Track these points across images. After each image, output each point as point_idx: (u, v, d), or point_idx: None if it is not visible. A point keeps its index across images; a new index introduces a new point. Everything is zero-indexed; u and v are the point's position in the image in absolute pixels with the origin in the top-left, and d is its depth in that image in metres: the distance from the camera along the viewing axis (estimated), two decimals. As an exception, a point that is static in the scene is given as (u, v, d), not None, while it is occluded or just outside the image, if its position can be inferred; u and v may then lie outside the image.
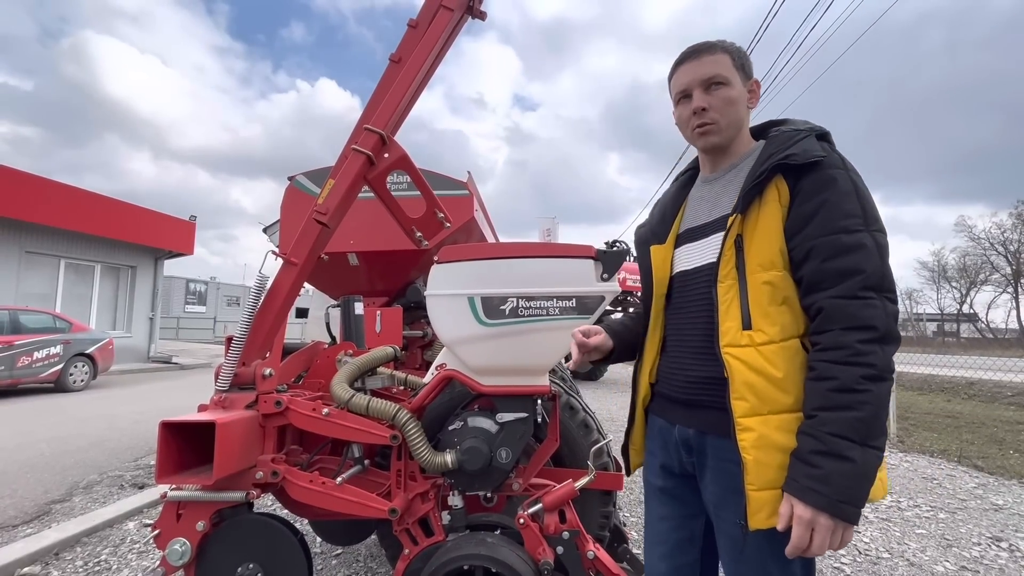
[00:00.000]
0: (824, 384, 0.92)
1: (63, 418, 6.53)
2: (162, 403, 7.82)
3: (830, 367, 0.92)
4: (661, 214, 1.32)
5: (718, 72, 1.11)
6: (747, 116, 1.17)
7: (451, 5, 1.94)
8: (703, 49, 1.13)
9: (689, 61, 1.14)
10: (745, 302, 1.02)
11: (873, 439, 0.89)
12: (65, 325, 9.35)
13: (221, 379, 1.74)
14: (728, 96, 1.11)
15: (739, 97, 1.13)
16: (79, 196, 12.34)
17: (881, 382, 0.90)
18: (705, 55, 1.13)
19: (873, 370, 0.89)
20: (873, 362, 0.90)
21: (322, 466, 1.93)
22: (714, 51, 1.13)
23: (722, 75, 1.11)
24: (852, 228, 0.95)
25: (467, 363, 1.74)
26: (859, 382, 0.89)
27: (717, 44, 1.14)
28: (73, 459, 4.60)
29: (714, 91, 1.11)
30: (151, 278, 14.76)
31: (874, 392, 0.89)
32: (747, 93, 1.15)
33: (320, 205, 1.76)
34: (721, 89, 1.11)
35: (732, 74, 1.12)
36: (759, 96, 1.18)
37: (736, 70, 1.12)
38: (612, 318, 1.47)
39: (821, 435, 0.90)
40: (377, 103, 1.90)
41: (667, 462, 1.21)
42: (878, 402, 0.89)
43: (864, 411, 0.89)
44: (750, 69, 1.15)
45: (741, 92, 1.13)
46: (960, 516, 3.53)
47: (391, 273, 3.23)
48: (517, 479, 1.87)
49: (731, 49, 1.14)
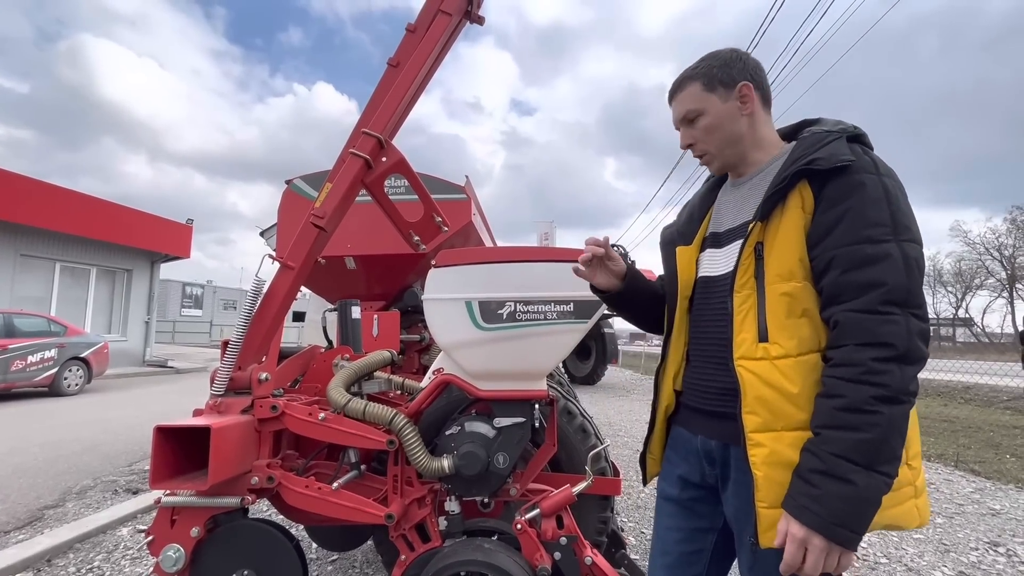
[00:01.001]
0: (832, 402, 0.88)
1: (57, 422, 6.47)
2: (157, 407, 7.77)
3: (839, 384, 0.87)
4: (689, 215, 1.28)
5: (689, 108, 1.12)
6: (750, 123, 1.11)
7: (449, 10, 1.94)
8: (676, 87, 1.15)
9: (672, 100, 1.17)
10: (762, 313, 0.98)
11: (881, 464, 0.84)
12: (60, 329, 9.29)
13: (217, 383, 1.73)
14: (707, 125, 1.11)
15: (720, 120, 1.10)
16: (75, 199, 12.29)
17: (895, 404, 0.84)
18: (679, 93, 1.14)
19: (886, 391, 0.84)
20: (887, 382, 0.84)
21: (318, 471, 1.92)
22: (684, 86, 1.13)
23: (693, 109, 1.12)
24: (877, 238, 0.89)
25: (464, 367, 1.74)
26: (869, 402, 0.84)
27: (686, 76, 1.13)
28: (67, 464, 4.56)
29: (695, 124, 1.13)
30: (147, 281, 14.69)
31: (885, 414, 0.84)
32: (737, 103, 1.09)
33: (317, 209, 1.76)
34: (699, 120, 1.12)
35: (705, 101, 1.10)
36: (752, 97, 1.09)
37: (709, 93, 1.10)
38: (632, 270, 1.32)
39: (823, 454, 0.86)
40: (375, 107, 1.90)
41: (687, 473, 1.18)
42: (889, 425, 0.84)
43: (872, 433, 0.83)
44: (732, 76, 1.09)
45: (721, 111, 1.10)
46: (957, 521, 3.53)
47: (388, 277, 3.22)
48: (514, 484, 1.86)
49: (699, 73, 1.11)
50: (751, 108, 1.10)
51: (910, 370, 0.85)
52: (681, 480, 1.19)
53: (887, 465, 0.84)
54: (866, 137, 1.04)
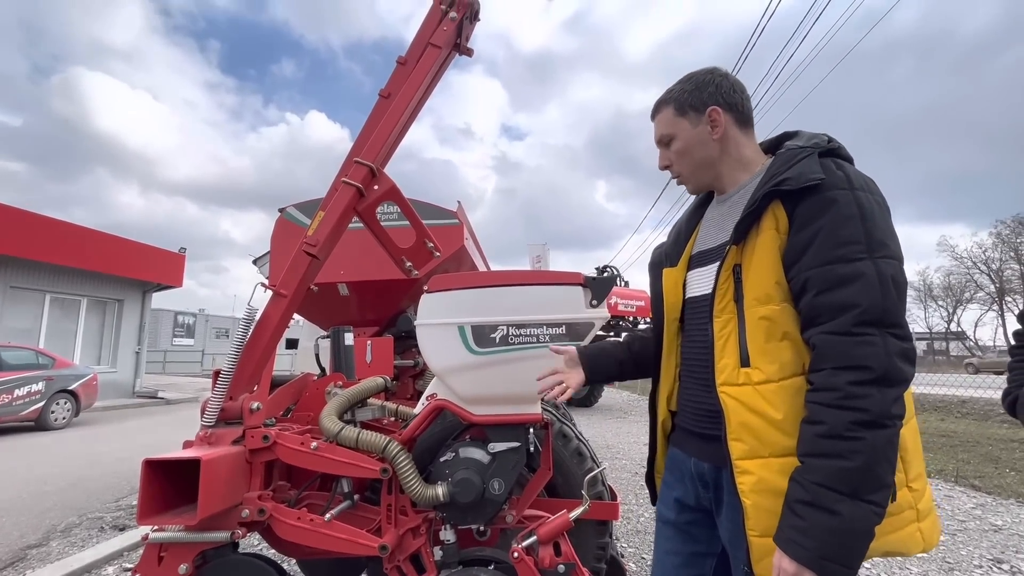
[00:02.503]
0: (813, 428, 0.86)
1: (42, 458, 6.31)
2: (146, 440, 7.61)
3: (819, 409, 0.85)
4: (675, 235, 1.29)
5: (662, 132, 1.16)
6: (721, 146, 1.11)
7: (439, 43, 2.00)
8: (654, 110, 1.19)
9: (652, 120, 1.21)
10: (743, 337, 0.96)
11: (867, 492, 0.81)
12: (48, 361, 9.14)
13: (207, 414, 1.71)
14: (678, 149, 1.14)
15: (690, 144, 1.12)
16: (65, 230, 12.25)
17: (877, 429, 0.81)
18: (655, 117, 1.18)
19: (865, 415, 0.81)
20: (866, 406, 0.81)
21: (310, 502, 1.88)
22: (659, 109, 1.17)
23: (666, 133, 1.15)
24: (849, 257, 0.87)
25: (458, 392, 1.73)
26: (849, 428, 0.81)
27: (661, 100, 1.17)
28: (52, 501, 4.44)
29: (670, 147, 1.16)
30: (138, 311, 14.55)
31: (867, 440, 0.81)
32: (707, 128, 1.10)
33: (310, 237, 1.77)
34: (672, 144, 1.15)
35: (676, 125, 1.13)
36: (722, 122, 1.09)
37: (680, 117, 1.12)
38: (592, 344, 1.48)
39: (807, 483, 0.84)
40: (367, 137, 1.94)
41: (683, 495, 1.16)
42: (872, 451, 0.81)
43: (854, 460, 0.81)
44: (703, 100, 1.10)
45: (692, 135, 1.12)
46: (960, 538, 3.49)
47: (382, 302, 3.22)
48: (510, 511, 1.83)
49: (671, 97, 1.14)
50: (720, 132, 1.10)
51: (891, 392, 0.82)
52: (678, 503, 1.18)
53: (875, 494, 0.81)
54: (841, 150, 1.02)
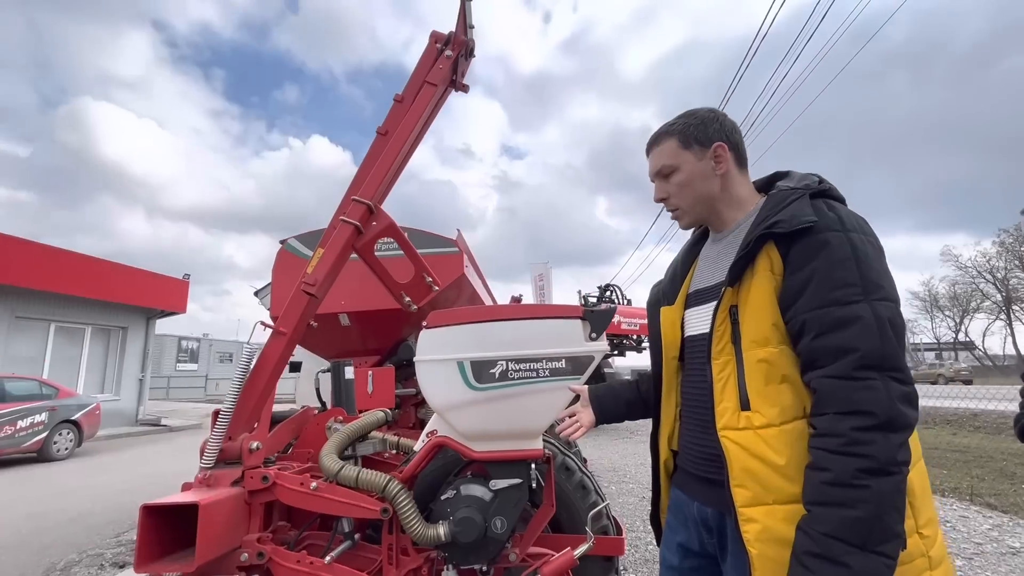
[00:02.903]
0: (819, 475, 0.84)
1: (44, 491, 6.26)
2: (148, 470, 7.55)
3: (825, 456, 0.84)
4: (672, 273, 1.29)
5: (664, 163, 1.13)
6: (722, 182, 1.11)
7: (435, 80, 2.04)
8: (652, 142, 1.17)
9: (649, 153, 1.19)
10: (742, 380, 0.95)
11: (876, 544, 0.78)
12: (51, 391, 9.13)
13: (206, 456, 1.70)
14: (679, 181, 1.12)
15: (693, 177, 1.11)
16: (70, 259, 12.36)
17: (884, 476, 0.79)
18: (655, 148, 1.16)
19: (871, 462, 0.80)
20: (871, 453, 0.80)
21: (311, 543, 1.86)
22: (660, 141, 1.15)
23: (668, 164, 1.13)
24: (845, 299, 0.86)
25: (458, 429, 1.72)
26: (856, 476, 0.80)
27: (663, 132, 1.15)
28: (52, 536, 4.38)
29: (669, 179, 1.14)
30: (142, 338, 14.58)
31: (873, 488, 0.79)
32: (712, 163, 1.10)
33: (309, 276, 1.78)
34: (673, 176, 1.13)
35: (680, 157, 1.11)
36: (726, 158, 1.10)
37: (685, 150, 1.11)
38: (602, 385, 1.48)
39: (814, 534, 0.82)
40: (365, 173, 1.96)
41: (686, 540, 1.13)
42: (879, 500, 0.79)
43: (862, 510, 0.79)
44: (708, 135, 1.10)
45: (695, 169, 1.10)
46: (977, 562, 3.40)
47: (383, 332, 3.22)
48: (514, 549, 1.80)
49: (678, 129, 1.12)
50: (724, 168, 1.11)
51: (895, 438, 0.81)
52: (682, 548, 1.15)
53: (885, 544, 0.79)
54: (833, 190, 1.03)
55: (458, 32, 2.15)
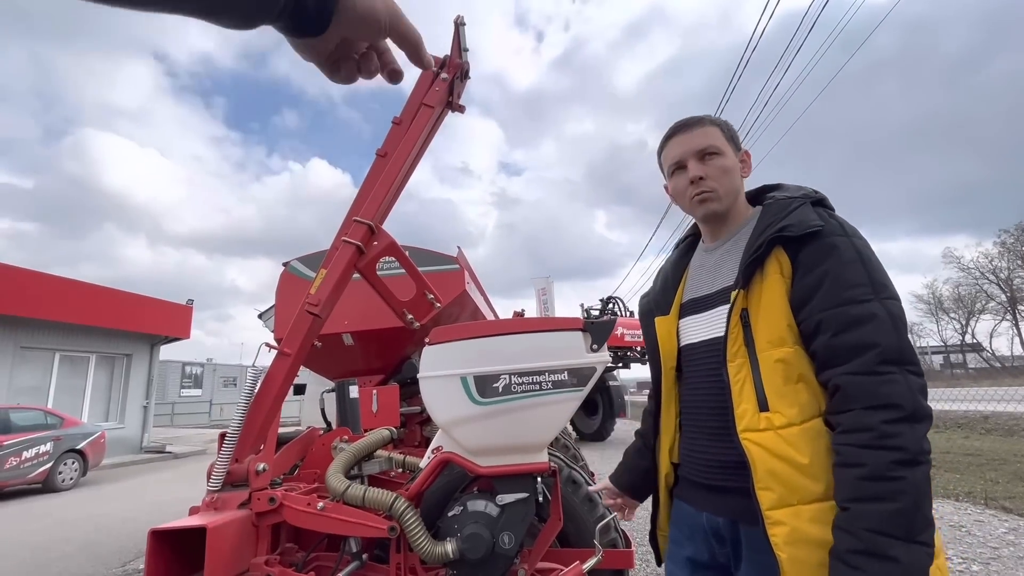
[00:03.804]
0: (853, 471, 0.84)
1: (49, 522, 6.21)
2: (153, 498, 7.50)
3: (856, 452, 0.84)
4: (663, 283, 1.30)
5: (711, 143, 1.13)
6: (742, 185, 1.17)
7: (432, 103, 2.10)
8: (693, 123, 1.16)
9: (681, 134, 1.17)
10: (759, 382, 0.96)
11: (918, 534, 0.79)
12: (56, 421, 9.11)
13: (213, 478, 1.70)
14: (723, 165, 1.12)
15: (733, 167, 1.13)
16: (74, 288, 12.44)
17: (916, 466, 0.81)
18: (696, 128, 1.15)
19: (905, 454, 0.81)
20: (903, 444, 0.81)
21: (319, 564, 1.85)
22: (704, 124, 1.15)
23: (715, 145, 1.13)
24: (859, 298, 0.89)
25: (463, 444, 1.72)
26: (891, 468, 0.81)
27: (706, 118, 1.17)
28: (57, 568, 4.34)
29: (709, 161, 1.12)
30: (146, 365, 14.59)
31: (909, 479, 0.80)
32: (739, 163, 1.15)
33: (312, 296, 1.81)
34: (716, 159, 1.12)
35: (724, 145, 1.13)
36: (751, 166, 1.18)
37: (727, 141, 1.14)
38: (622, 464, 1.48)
39: (858, 531, 0.81)
40: (366, 194, 2.00)
41: (694, 553, 1.12)
42: (916, 490, 0.80)
43: (902, 502, 0.80)
44: (738, 141, 1.18)
45: (734, 162, 1.14)
46: (994, 567, 3.34)
47: (386, 350, 3.24)
48: (522, 565, 1.79)
49: (720, 122, 1.17)
50: (747, 173, 1.17)
51: (920, 428, 0.83)
52: (690, 562, 1.13)
53: (924, 533, 0.80)
54: (827, 200, 1.08)
55: (453, 55, 2.21)
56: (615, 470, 1.45)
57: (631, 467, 1.40)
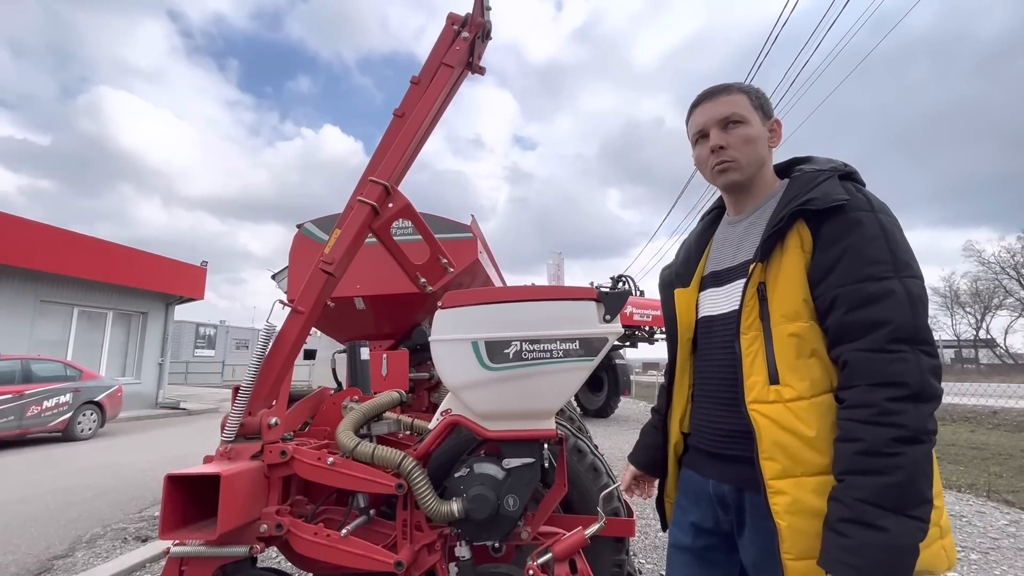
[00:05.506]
0: (851, 446, 0.85)
1: (69, 468, 6.47)
2: (168, 451, 7.75)
3: (856, 427, 0.85)
4: (685, 256, 1.28)
5: (734, 111, 1.09)
6: (770, 155, 1.14)
7: (451, 62, 2.04)
8: (720, 90, 1.13)
9: (706, 102, 1.13)
10: (771, 355, 0.96)
11: (911, 507, 0.80)
12: (76, 373, 9.40)
13: (227, 429, 1.74)
14: (746, 134, 1.09)
15: (758, 136, 1.10)
16: (93, 245, 12.65)
17: (916, 444, 0.82)
18: (722, 95, 1.12)
19: (905, 431, 0.82)
20: (905, 422, 0.82)
21: (327, 516, 1.90)
22: (730, 92, 1.12)
23: (739, 114, 1.09)
24: (878, 275, 0.88)
25: (472, 408, 1.74)
26: (889, 444, 0.81)
27: (734, 85, 1.13)
28: (77, 511, 4.54)
29: (732, 129, 1.09)
30: (162, 324, 14.91)
31: (908, 456, 0.81)
32: (768, 132, 1.12)
33: (327, 255, 1.81)
34: (739, 127, 1.09)
35: (750, 113, 1.10)
36: (781, 135, 1.14)
37: (755, 110, 1.10)
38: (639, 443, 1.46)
39: (849, 501, 0.83)
40: (382, 155, 1.97)
41: (699, 519, 1.14)
42: (913, 467, 0.81)
43: (897, 476, 0.81)
44: (769, 109, 1.13)
45: (760, 131, 1.10)
46: (993, 557, 3.36)
47: (397, 316, 3.25)
48: (525, 527, 1.83)
49: (748, 90, 1.12)
50: (776, 143, 1.13)
51: (926, 408, 0.83)
52: (694, 527, 1.15)
53: (917, 508, 0.81)
54: (857, 174, 1.04)
55: (475, 14, 2.14)
56: (633, 449, 1.45)
57: (648, 444, 1.40)
